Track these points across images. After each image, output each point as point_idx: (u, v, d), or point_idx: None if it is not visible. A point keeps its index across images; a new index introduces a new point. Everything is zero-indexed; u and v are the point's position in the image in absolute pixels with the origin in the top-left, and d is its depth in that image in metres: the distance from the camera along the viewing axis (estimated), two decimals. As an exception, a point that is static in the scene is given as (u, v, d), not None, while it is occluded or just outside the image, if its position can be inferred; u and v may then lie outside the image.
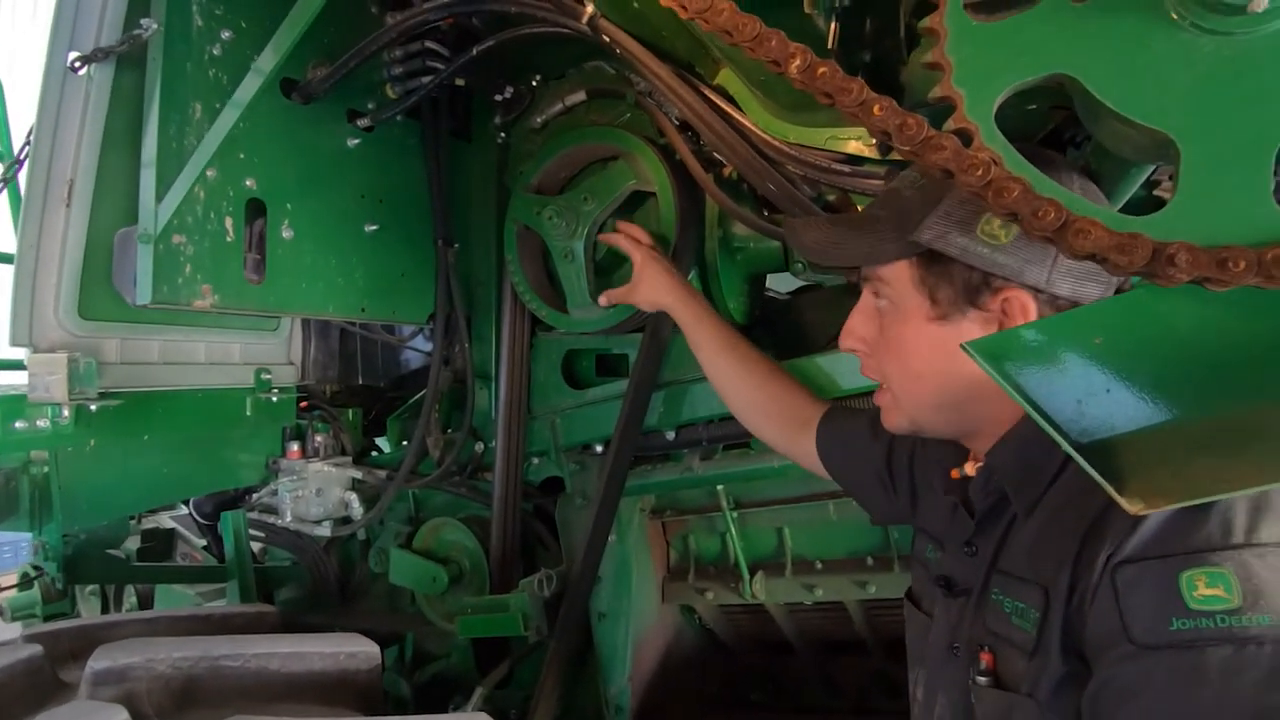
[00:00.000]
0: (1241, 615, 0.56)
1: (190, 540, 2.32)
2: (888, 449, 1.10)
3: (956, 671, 0.81)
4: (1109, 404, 0.57)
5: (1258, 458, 0.50)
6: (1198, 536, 0.60)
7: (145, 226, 1.24)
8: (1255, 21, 0.48)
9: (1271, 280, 0.48)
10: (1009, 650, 0.73)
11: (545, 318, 1.70)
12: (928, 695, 0.87)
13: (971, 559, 0.83)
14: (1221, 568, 0.58)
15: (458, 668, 1.99)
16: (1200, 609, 0.58)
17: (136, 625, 1.24)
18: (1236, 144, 0.50)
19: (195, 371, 1.68)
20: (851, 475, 1.19)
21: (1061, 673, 0.67)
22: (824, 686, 2.05)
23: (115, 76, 1.33)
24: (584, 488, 1.79)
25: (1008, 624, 0.74)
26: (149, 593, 2.17)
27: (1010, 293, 0.73)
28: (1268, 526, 0.58)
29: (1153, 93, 0.52)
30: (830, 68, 0.61)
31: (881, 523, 1.20)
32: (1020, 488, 0.77)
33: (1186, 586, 0.58)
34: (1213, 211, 0.50)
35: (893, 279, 0.81)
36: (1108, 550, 0.64)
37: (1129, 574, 0.62)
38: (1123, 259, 0.52)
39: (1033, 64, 0.55)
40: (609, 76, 1.71)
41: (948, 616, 0.85)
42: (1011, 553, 0.78)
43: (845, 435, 1.19)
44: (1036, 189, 0.55)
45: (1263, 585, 0.57)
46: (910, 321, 0.80)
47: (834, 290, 1.84)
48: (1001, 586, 0.76)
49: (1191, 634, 0.58)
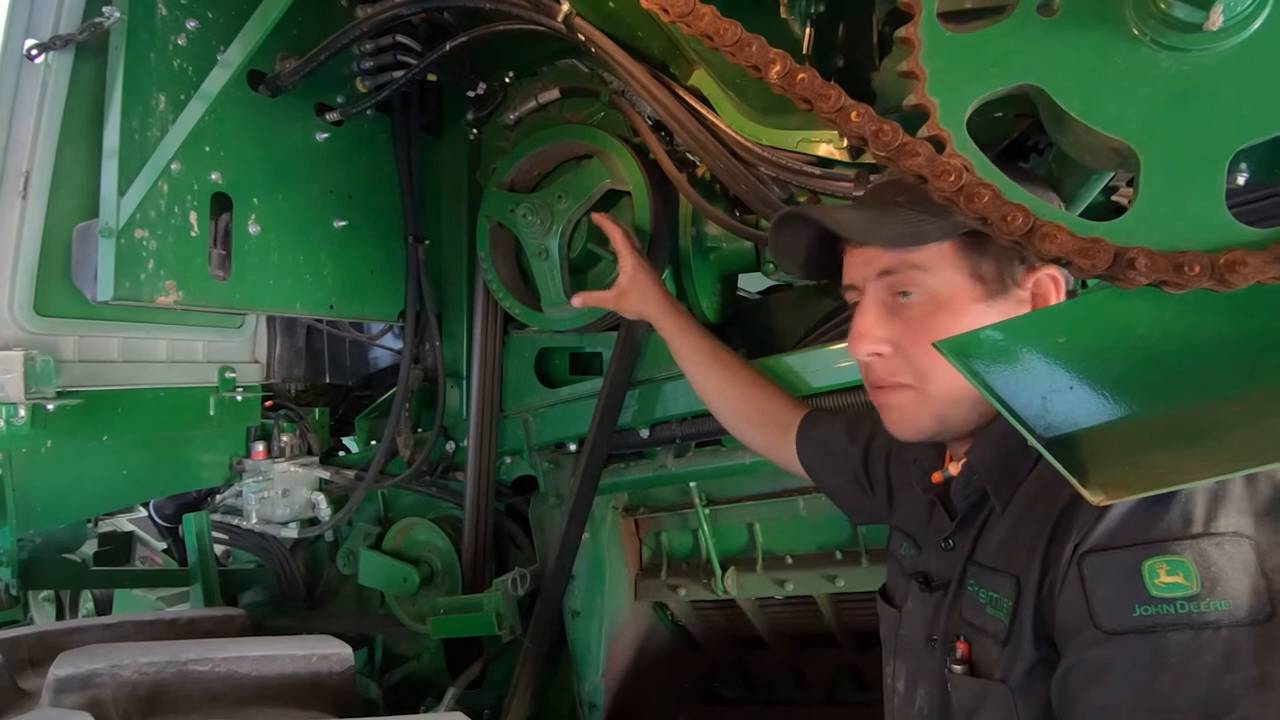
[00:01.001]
0: (1200, 602, 0.59)
1: (150, 543, 2.26)
2: (864, 450, 1.12)
3: (934, 663, 0.83)
4: (1072, 400, 0.60)
5: (1210, 451, 0.53)
6: (1159, 527, 0.62)
7: (107, 220, 1.21)
8: (1210, 39, 0.51)
9: (1224, 284, 0.51)
10: (983, 639, 0.76)
11: (519, 315, 1.70)
12: (908, 688, 0.89)
13: (949, 554, 0.85)
14: (1181, 556, 0.60)
15: (428, 669, 1.97)
16: (1161, 596, 0.60)
17: (99, 631, 1.20)
18: (1192, 154, 0.52)
19: (156, 370, 1.64)
20: (830, 478, 1.21)
21: (1033, 659, 0.69)
22: (793, 680, 2.09)
23: (74, 65, 1.29)
24: (557, 486, 1.79)
25: (982, 614, 0.76)
26: (107, 598, 2.10)
27: (1043, 272, 0.75)
28: (1225, 517, 0.61)
29: (1114, 104, 0.55)
30: (809, 74, 0.62)
31: (862, 522, 1.21)
32: (999, 485, 0.78)
33: (1148, 575, 0.61)
34: (1170, 218, 0.53)
35: (933, 263, 0.78)
36: (1074, 540, 0.66)
37: (1094, 563, 0.64)
38: (1086, 262, 0.55)
39: (1002, 75, 0.58)
40: (582, 75, 1.71)
41: (924, 611, 0.87)
42: (987, 546, 0.80)
43: (823, 439, 1.21)
44: (1006, 195, 0.58)
45: (1220, 573, 0.59)
46: (955, 307, 0.77)
47: (803, 290, 1.87)
48: (976, 577, 0.79)
49: (1153, 620, 0.60)
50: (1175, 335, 0.56)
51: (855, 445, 1.13)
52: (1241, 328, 0.55)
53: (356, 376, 2.34)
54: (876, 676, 1.95)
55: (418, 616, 1.86)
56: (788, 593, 1.78)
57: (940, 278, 0.78)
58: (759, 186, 1.39)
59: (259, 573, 2.12)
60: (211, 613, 1.45)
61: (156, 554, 2.24)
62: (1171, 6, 0.52)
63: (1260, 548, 0.59)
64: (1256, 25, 0.51)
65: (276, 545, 2.07)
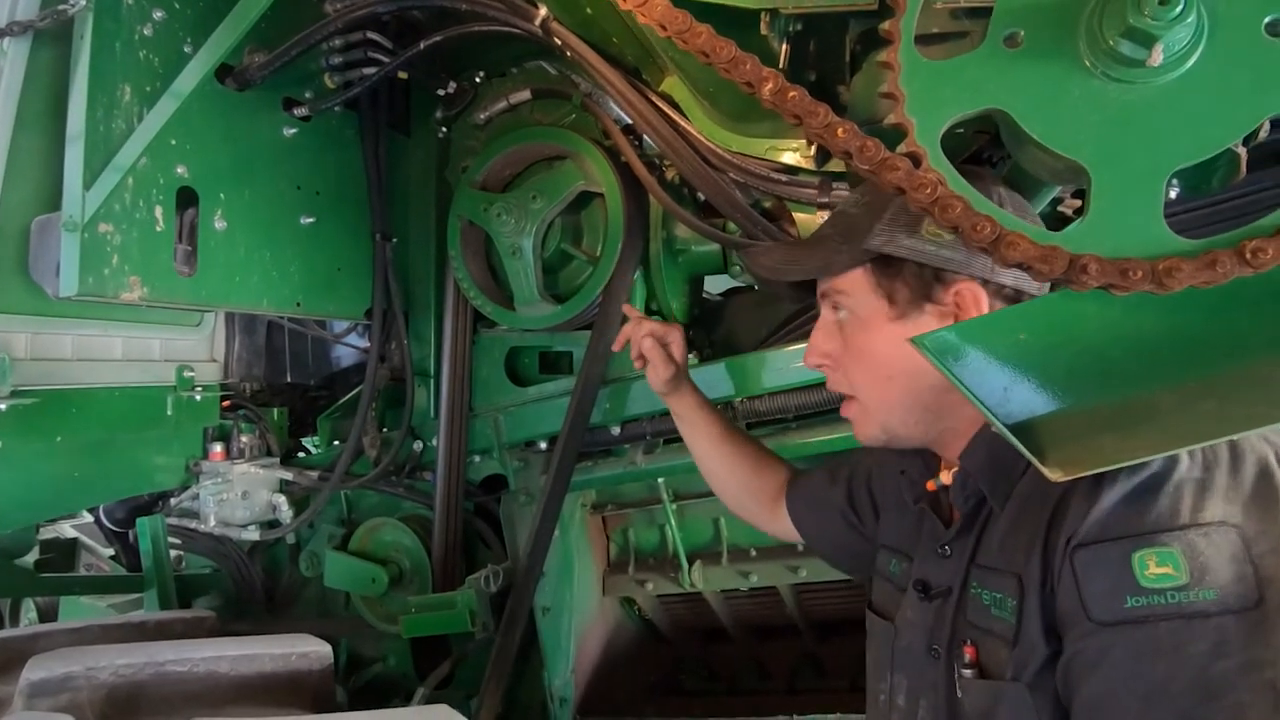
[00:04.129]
0: (1189, 591, 0.60)
1: (95, 550, 2.16)
2: (847, 488, 1.13)
3: (937, 672, 0.82)
4: (1030, 390, 0.67)
5: (1150, 433, 0.61)
6: (1148, 519, 0.64)
7: (71, 214, 1.17)
8: (1153, 73, 0.59)
9: (1163, 287, 0.58)
10: (991, 641, 0.76)
11: (490, 314, 1.71)
12: (909, 701, 0.87)
13: (946, 560, 0.85)
14: (1170, 547, 0.62)
15: (395, 671, 1.96)
16: (1152, 587, 0.62)
17: (65, 635, 1.16)
18: (1136, 173, 0.60)
19: (112, 368, 1.59)
20: (821, 531, 1.19)
21: (1045, 654, 0.70)
22: (756, 670, 2.15)
23: (31, 53, 1.25)
24: (528, 485, 1.81)
25: (988, 615, 0.76)
26: (50, 607, 2.01)
27: (961, 284, 0.79)
28: (1211, 506, 0.63)
29: (1069, 128, 0.62)
30: (800, 92, 0.67)
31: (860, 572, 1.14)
32: (994, 485, 0.81)
33: (1139, 566, 0.62)
34: (1117, 229, 0.60)
35: (850, 288, 0.85)
36: (1066, 534, 0.68)
37: (1085, 556, 0.66)
38: (1045, 267, 0.62)
39: (973, 99, 0.64)
40: (552, 77, 1.74)
41: (924, 620, 0.86)
42: (988, 547, 0.80)
43: (809, 493, 1.21)
44: (975, 206, 0.64)
45: (1208, 562, 0.61)
46: (872, 326, 0.84)
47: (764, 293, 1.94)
48: (980, 580, 0.79)
49: (1145, 610, 0.62)
50: (1120, 332, 0.64)
51: (836, 486, 1.14)
52: (1176, 326, 0.63)
53: (319, 375, 2.30)
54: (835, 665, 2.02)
55: (387, 617, 1.85)
56: (752, 584, 1.85)
57: (858, 300, 0.85)
58: (728, 191, 1.45)
59: (214, 577, 2.06)
60: (182, 615, 1.42)
61: (103, 561, 2.15)
62: (1119, 44, 0.59)
63: (1246, 535, 0.61)
64: (1191, 62, 0.59)
65: (234, 549, 2.02)
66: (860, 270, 0.84)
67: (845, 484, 1.14)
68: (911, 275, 0.81)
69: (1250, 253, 0.57)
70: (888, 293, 0.82)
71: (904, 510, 0.97)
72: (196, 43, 1.32)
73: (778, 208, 1.57)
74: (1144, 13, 0.57)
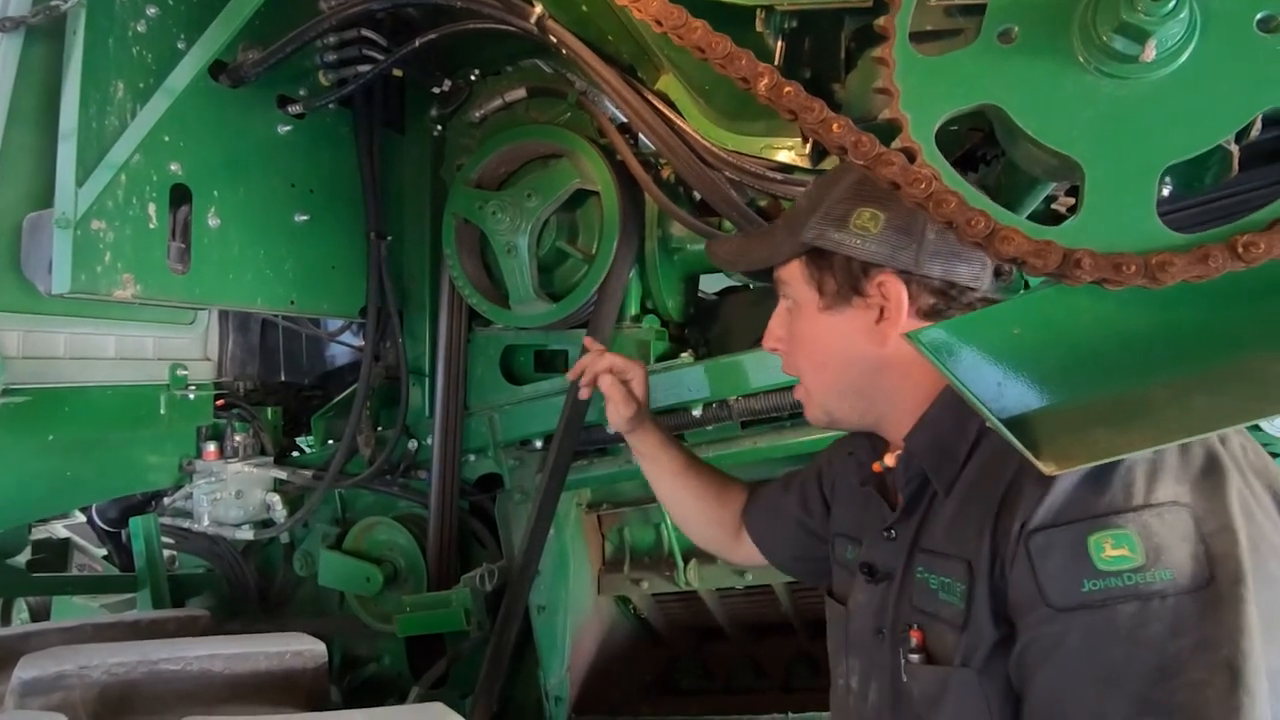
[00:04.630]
0: (1145, 572, 0.60)
1: (88, 550, 2.15)
2: (800, 493, 1.14)
3: (884, 655, 0.83)
4: (1024, 385, 0.67)
5: (1144, 427, 0.61)
6: (1102, 501, 0.64)
7: (64, 211, 1.17)
8: (1146, 69, 0.59)
9: (1155, 281, 0.58)
10: (938, 626, 0.76)
11: (486, 312, 1.71)
12: (862, 683, 0.88)
13: (892, 543, 0.85)
14: (1125, 529, 0.62)
15: (390, 671, 1.96)
16: (1108, 569, 0.62)
17: (58, 634, 1.15)
18: (1129, 168, 0.60)
19: (104, 367, 1.58)
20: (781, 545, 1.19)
21: (994, 639, 0.70)
22: (751, 669, 2.15)
23: (24, 49, 1.24)
24: (523, 483, 1.81)
25: (935, 600, 0.76)
26: (43, 607, 2.00)
27: (884, 277, 0.80)
28: (1163, 487, 0.63)
29: (1063, 123, 0.62)
30: (795, 88, 0.68)
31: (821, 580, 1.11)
32: (938, 468, 0.81)
33: (1095, 549, 0.62)
34: (1111, 223, 0.60)
35: (789, 278, 0.88)
36: (1020, 519, 0.67)
37: (1040, 541, 0.66)
38: (1039, 262, 0.62)
39: (967, 94, 0.64)
40: (547, 75, 1.74)
41: (871, 602, 0.87)
42: (933, 532, 0.80)
43: (764, 504, 1.20)
44: (969, 201, 0.64)
45: (1163, 542, 0.61)
46: (806, 315, 0.87)
47: (758, 292, 1.94)
48: (926, 564, 0.79)
49: (1102, 594, 0.62)
50: (1114, 328, 0.64)
51: (790, 494, 1.15)
52: (1169, 320, 0.63)
53: (313, 374, 2.30)
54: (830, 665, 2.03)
55: (381, 616, 1.85)
56: (747, 582, 1.85)
57: (796, 290, 0.88)
58: (723, 189, 1.45)
59: (208, 577, 2.05)
60: (175, 614, 1.41)
61: (96, 561, 2.14)
62: (1112, 40, 0.59)
63: (1197, 514, 0.62)
64: (1183, 58, 0.59)
65: (227, 548, 2.02)
66: (797, 261, 0.87)
67: (798, 489, 1.15)
68: (840, 268, 0.83)
69: (1242, 247, 0.57)
70: (818, 284, 0.86)
71: (853, 494, 0.98)
72: (190, 39, 1.32)
73: (773, 206, 1.57)
74: (1137, 8, 0.57)
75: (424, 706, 1.05)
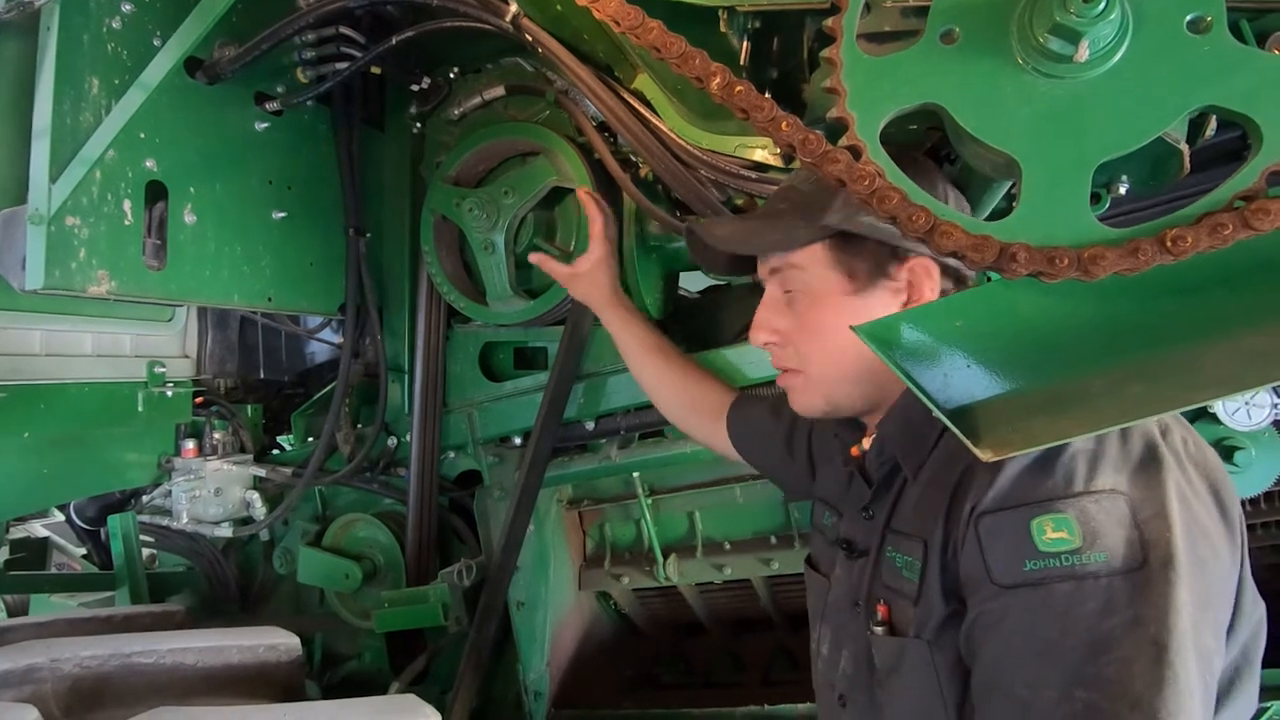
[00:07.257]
0: (1082, 554, 0.64)
1: (67, 549, 2.14)
2: (788, 428, 1.20)
3: (858, 626, 0.88)
4: (968, 376, 0.69)
5: (1080, 415, 0.63)
6: (1045, 487, 0.68)
7: (37, 206, 1.17)
8: (1080, 69, 0.61)
9: (1088, 274, 0.60)
10: (900, 600, 0.81)
11: (464, 310, 1.72)
12: (832, 650, 0.95)
13: (869, 523, 0.91)
14: (1065, 514, 0.66)
15: (370, 667, 1.96)
16: (1048, 550, 0.66)
17: (31, 629, 1.15)
18: (1064, 164, 0.62)
19: (81, 364, 1.58)
20: (760, 456, 1.29)
21: (943, 614, 0.75)
22: (731, 663, 2.17)
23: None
24: (502, 480, 1.82)
25: (899, 577, 0.82)
26: (20, 606, 1.99)
27: (915, 261, 0.83)
28: (1102, 475, 0.67)
29: (1001, 121, 0.64)
30: (745, 87, 0.69)
31: (794, 496, 1.29)
32: (908, 454, 0.85)
33: (1036, 531, 0.67)
34: (1045, 218, 0.62)
35: (806, 263, 0.88)
36: (970, 502, 0.72)
37: (989, 523, 0.70)
38: (977, 256, 0.64)
39: (910, 94, 0.66)
40: (527, 74, 1.75)
41: (849, 576, 0.92)
42: (902, 513, 0.86)
43: (751, 420, 1.30)
44: (911, 197, 0.66)
45: (1099, 527, 0.65)
46: (828, 301, 0.87)
47: (740, 289, 1.96)
48: (893, 544, 0.84)
49: (1041, 573, 0.66)
50: (1051, 319, 0.66)
51: (780, 422, 1.21)
52: (1103, 312, 0.65)
53: (292, 372, 2.30)
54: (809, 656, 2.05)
55: (360, 613, 1.86)
56: (726, 577, 1.87)
57: (814, 275, 0.88)
58: (699, 188, 1.47)
59: (187, 575, 2.05)
60: (149, 609, 1.41)
61: (74, 560, 2.13)
62: (1048, 40, 0.61)
63: (1133, 502, 0.66)
64: (1116, 59, 0.62)
65: (207, 546, 2.02)
66: (819, 246, 0.87)
67: (789, 423, 1.19)
68: (871, 251, 0.85)
69: (1171, 241, 0.60)
70: (848, 268, 0.86)
71: (838, 469, 1.02)
72: (166, 36, 1.31)
73: (749, 205, 1.59)
74: (1070, 10, 0.59)
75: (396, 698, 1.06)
